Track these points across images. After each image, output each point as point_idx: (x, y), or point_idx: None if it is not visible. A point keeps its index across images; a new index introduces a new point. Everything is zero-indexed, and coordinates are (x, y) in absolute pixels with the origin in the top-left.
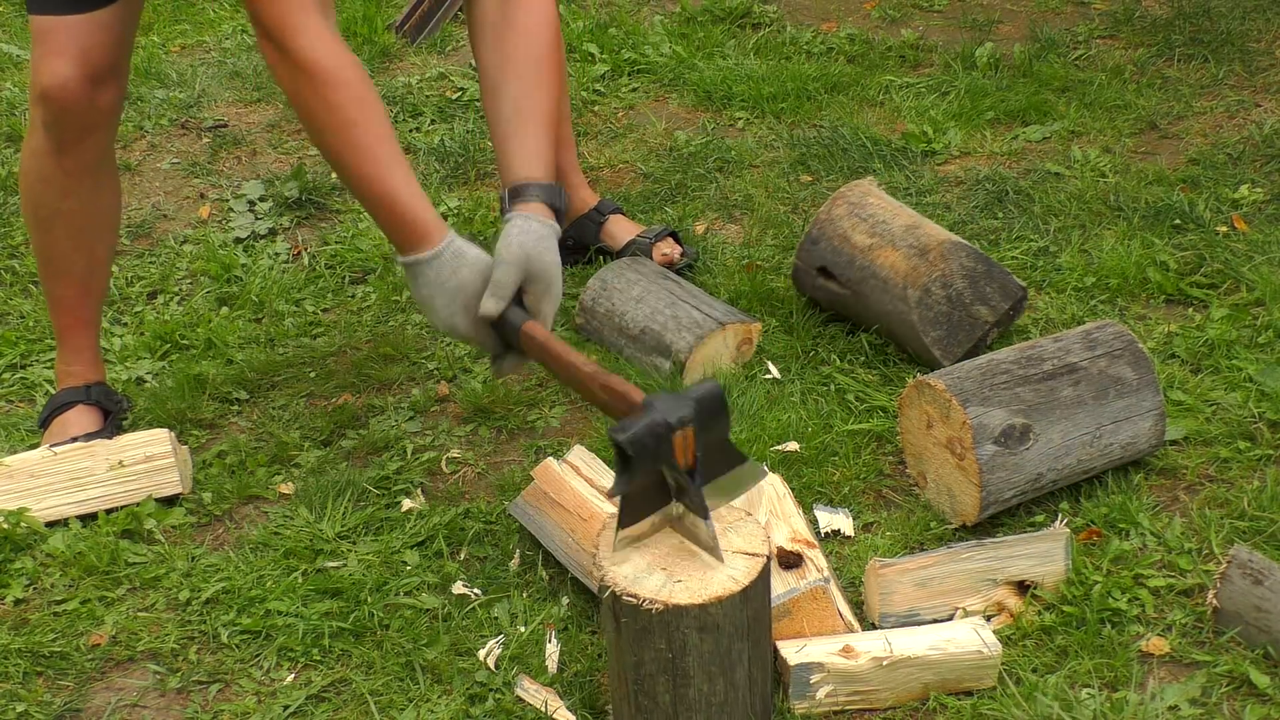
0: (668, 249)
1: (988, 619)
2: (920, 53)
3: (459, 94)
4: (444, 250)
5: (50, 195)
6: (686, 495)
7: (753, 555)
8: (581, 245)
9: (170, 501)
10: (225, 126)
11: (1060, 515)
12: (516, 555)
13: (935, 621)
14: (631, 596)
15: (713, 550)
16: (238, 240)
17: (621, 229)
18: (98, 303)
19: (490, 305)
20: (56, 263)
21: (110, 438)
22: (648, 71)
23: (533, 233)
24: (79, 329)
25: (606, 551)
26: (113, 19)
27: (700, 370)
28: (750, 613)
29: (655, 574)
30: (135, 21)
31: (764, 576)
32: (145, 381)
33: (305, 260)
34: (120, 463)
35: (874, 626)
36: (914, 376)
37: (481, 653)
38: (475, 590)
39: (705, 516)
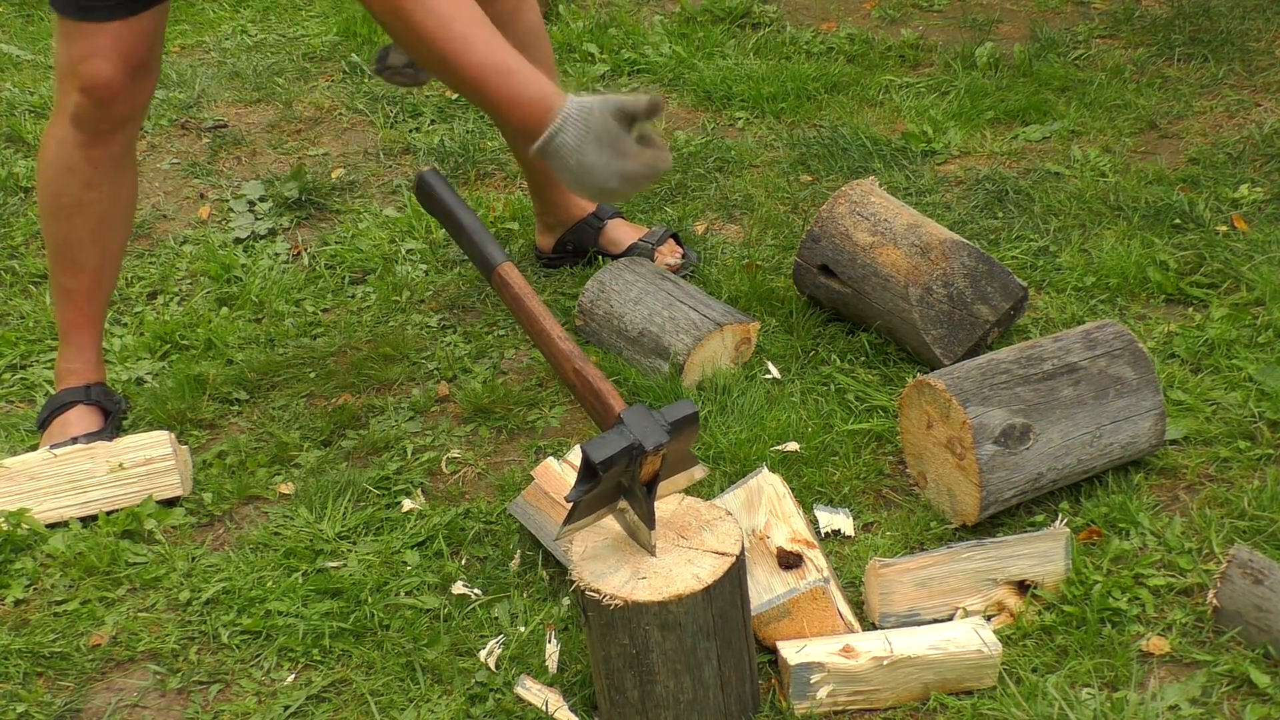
0: (671, 258)
1: (988, 619)
2: (920, 53)
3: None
4: (570, 104)
5: (74, 185)
6: (636, 502)
7: (721, 555)
8: (581, 249)
9: (170, 502)
10: (225, 127)
11: (1060, 515)
12: (516, 555)
13: (935, 621)
14: (594, 591)
15: (650, 550)
16: (237, 240)
17: (622, 233)
18: (104, 300)
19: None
20: (71, 254)
21: (110, 438)
22: (648, 71)
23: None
24: (84, 326)
25: (576, 546)
26: (151, 20)
27: (699, 371)
28: (716, 612)
29: (621, 570)
30: (167, 15)
31: (732, 576)
32: (145, 382)
33: (305, 260)
34: (120, 465)
35: (874, 626)
36: (914, 376)
37: (482, 653)
38: (475, 590)
39: (651, 526)
